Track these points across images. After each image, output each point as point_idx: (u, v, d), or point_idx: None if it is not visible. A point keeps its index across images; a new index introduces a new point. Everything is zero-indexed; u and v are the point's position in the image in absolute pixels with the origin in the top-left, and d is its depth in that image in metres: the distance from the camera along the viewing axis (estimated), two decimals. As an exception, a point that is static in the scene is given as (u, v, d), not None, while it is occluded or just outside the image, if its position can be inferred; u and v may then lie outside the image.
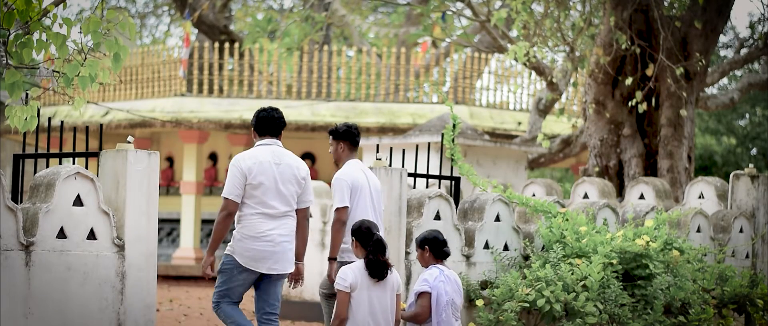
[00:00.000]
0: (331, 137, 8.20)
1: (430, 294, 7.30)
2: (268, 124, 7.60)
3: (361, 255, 7.13)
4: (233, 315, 7.49)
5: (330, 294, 7.94)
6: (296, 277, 7.66)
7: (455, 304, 7.38)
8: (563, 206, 9.82)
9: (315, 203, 13.70)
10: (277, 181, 7.45)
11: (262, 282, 7.52)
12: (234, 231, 7.47)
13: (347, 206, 7.91)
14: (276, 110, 7.68)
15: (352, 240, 7.21)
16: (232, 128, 20.50)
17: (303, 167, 7.60)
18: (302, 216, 7.60)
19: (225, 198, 7.38)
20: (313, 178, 20.66)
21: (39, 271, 6.99)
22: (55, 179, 7.14)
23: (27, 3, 7.04)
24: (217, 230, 7.38)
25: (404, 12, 26.04)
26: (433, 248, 7.46)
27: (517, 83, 22.31)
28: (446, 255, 7.48)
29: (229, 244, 7.47)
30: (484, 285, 8.93)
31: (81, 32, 7.15)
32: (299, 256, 7.62)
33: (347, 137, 8.15)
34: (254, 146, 7.60)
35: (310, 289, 13.60)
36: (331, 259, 7.93)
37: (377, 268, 6.99)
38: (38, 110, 7.35)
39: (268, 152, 7.51)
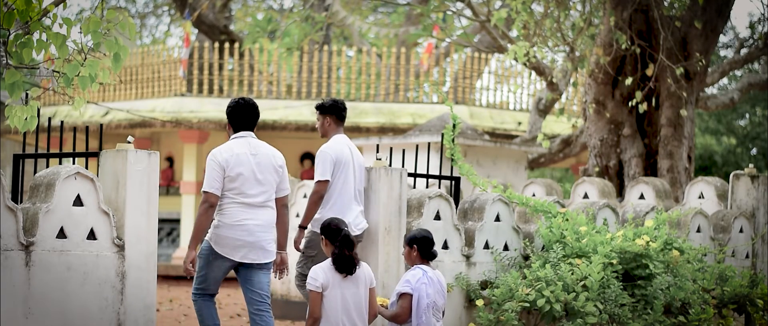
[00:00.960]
0: (318, 111, 8.37)
1: (412, 295, 7.29)
2: (243, 117, 7.74)
3: (329, 252, 7.17)
4: (203, 314, 7.64)
5: (303, 273, 8.15)
6: (280, 267, 7.76)
7: (437, 305, 7.38)
8: (563, 206, 9.82)
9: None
10: (254, 171, 7.57)
11: (242, 273, 7.61)
12: (213, 220, 7.58)
13: (328, 180, 8.10)
14: (249, 102, 7.79)
15: (322, 238, 7.24)
16: (232, 128, 20.47)
17: (279, 156, 7.74)
18: (281, 205, 7.72)
19: (205, 192, 7.50)
20: (312, 178, 20.65)
21: (39, 271, 6.99)
22: (55, 179, 7.14)
23: (27, 3, 7.04)
24: (198, 224, 7.48)
25: (404, 12, 26.04)
26: (422, 247, 7.44)
27: (517, 83, 22.31)
28: (433, 256, 7.47)
29: (209, 232, 7.57)
30: (484, 285, 8.93)
31: (81, 32, 7.15)
32: (281, 246, 7.74)
33: (334, 111, 8.36)
34: (229, 139, 7.73)
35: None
36: (302, 227, 8.12)
37: (345, 263, 7.02)
38: (38, 110, 7.35)
39: (244, 144, 7.65)
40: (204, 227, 7.49)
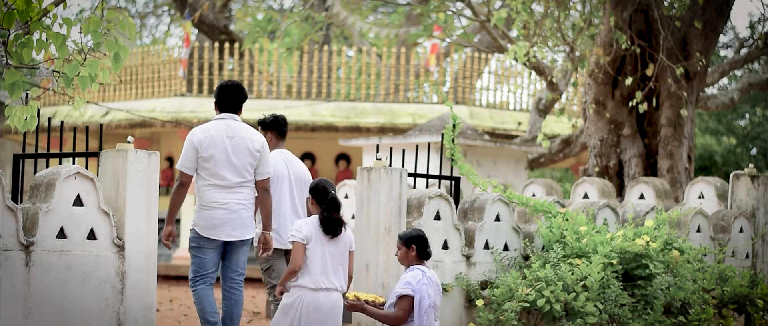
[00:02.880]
0: (259, 126, 8.60)
1: (413, 297, 7.27)
2: (227, 98, 7.86)
3: (315, 212, 7.35)
4: (203, 302, 7.70)
5: (266, 266, 8.39)
6: (265, 246, 7.91)
7: (436, 305, 7.38)
8: (563, 206, 9.82)
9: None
10: (228, 153, 7.68)
11: (227, 252, 7.79)
12: (195, 206, 7.78)
13: None
14: (236, 84, 7.93)
15: (309, 198, 7.44)
16: (232, 128, 20.47)
17: (258, 139, 7.84)
18: (261, 188, 7.85)
19: (178, 170, 7.69)
20: (313, 178, 20.65)
21: (39, 271, 6.99)
22: (55, 179, 7.14)
23: (27, 3, 7.04)
24: (171, 200, 7.70)
25: (404, 12, 26.04)
26: (420, 247, 7.44)
27: (517, 83, 22.30)
28: (429, 255, 7.48)
29: (193, 219, 7.76)
30: (484, 285, 8.93)
31: (81, 32, 7.15)
32: (265, 226, 7.88)
33: (274, 126, 8.64)
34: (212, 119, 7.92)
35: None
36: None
37: (331, 225, 7.22)
38: (38, 110, 7.35)
39: (222, 125, 7.76)
40: (176, 204, 7.68)
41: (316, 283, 7.18)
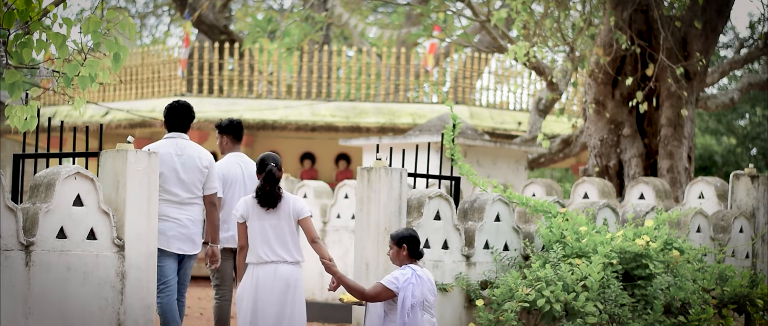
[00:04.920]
0: (217, 130, 9.02)
1: (393, 293, 7.25)
2: (174, 118, 8.25)
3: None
4: (166, 315, 8.08)
5: (217, 284, 8.82)
6: (212, 259, 8.34)
7: (429, 302, 7.35)
8: (563, 206, 9.82)
9: (315, 203, 13.70)
10: (178, 171, 8.09)
11: (180, 267, 8.21)
12: None
13: (219, 197, 8.61)
14: (183, 104, 8.31)
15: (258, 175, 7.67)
16: (232, 128, 20.46)
17: (205, 156, 8.25)
18: (209, 202, 8.27)
19: None
20: (313, 178, 20.68)
21: (39, 271, 6.99)
22: (55, 179, 7.14)
23: (27, 3, 7.04)
24: None
25: (404, 12, 26.04)
26: (411, 247, 7.42)
27: (517, 83, 22.31)
28: (421, 255, 7.46)
29: None
30: (484, 285, 8.92)
31: (81, 32, 7.15)
32: (213, 240, 8.29)
33: (230, 130, 9.05)
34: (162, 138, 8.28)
35: (320, 291, 13.62)
36: (205, 243, 8.46)
37: (266, 198, 7.41)
38: (38, 110, 7.35)
39: (171, 144, 8.15)
40: None
41: (258, 258, 7.40)
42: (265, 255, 7.39)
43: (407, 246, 7.39)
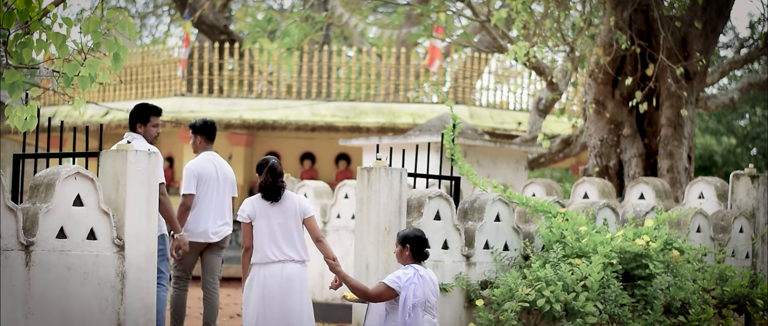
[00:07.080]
0: (191, 130, 9.27)
1: (395, 291, 7.25)
2: (132, 118, 8.63)
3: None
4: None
5: (178, 275, 9.05)
6: (179, 250, 8.61)
7: (431, 302, 7.35)
8: (563, 206, 9.81)
9: (315, 203, 13.70)
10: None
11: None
12: None
13: (193, 194, 8.91)
14: (147, 105, 8.70)
15: (258, 175, 7.77)
16: (231, 128, 20.49)
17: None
18: (160, 193, 8.37)
19: None
20: (312, 178, 20.68)
21: (39, 271, 6.99)
22: (55, 179, 7.14)
23: (27, 3, 7.04)
24: None
25: (404, 12, 26.03)
26: (415, 247, 7.41)
27: (517, 83, 22.30)
28: (425, 256, 7.44)
29: None
30: (484, 285, 8.92)
31: (81, 32, 7.15)
32: (175, 229, 8.54)
33: (204, 130, 9.27)
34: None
35: (320, 291, 13.61)
36: (173, 234, 8.68)
37: (270, 191, 7.53)
38: (38, 110, 7.35)
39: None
40: None
41: (265, 257, 7.47)
42: (272, 254, 7.44)
43: (410, 246, 7.40)
